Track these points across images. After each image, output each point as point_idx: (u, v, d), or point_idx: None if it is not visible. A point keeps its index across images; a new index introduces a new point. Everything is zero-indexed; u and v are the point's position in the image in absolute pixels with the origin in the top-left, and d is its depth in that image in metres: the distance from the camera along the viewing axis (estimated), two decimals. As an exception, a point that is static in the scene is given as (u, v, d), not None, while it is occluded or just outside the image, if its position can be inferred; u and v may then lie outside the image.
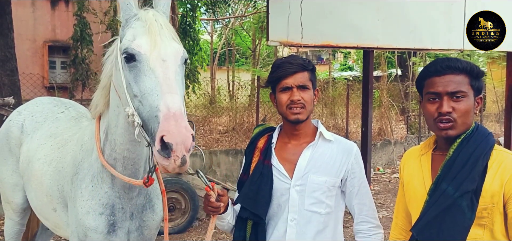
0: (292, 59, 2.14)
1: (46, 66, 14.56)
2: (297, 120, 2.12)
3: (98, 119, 2.31)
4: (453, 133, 1.84)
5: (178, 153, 1.66)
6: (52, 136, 2.87)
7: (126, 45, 1.92)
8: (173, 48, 1.94)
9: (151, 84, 1.81)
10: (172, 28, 2.03)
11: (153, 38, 1.90)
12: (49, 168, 2.67)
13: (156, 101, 1.76)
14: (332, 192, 2.14)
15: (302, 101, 2.09)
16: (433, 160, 1.97)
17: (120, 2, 2.04)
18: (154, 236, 2.56)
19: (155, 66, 1.84)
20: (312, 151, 2.15)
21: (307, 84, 2.11)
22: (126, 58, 1.91)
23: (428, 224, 1.81)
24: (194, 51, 12.79)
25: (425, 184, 1.93)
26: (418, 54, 15.05)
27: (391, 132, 12.29)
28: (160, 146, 1.68)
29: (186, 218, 6.08)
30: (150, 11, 2.01)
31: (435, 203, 1.81)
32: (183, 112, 1.74)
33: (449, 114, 1.83)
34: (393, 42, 6.02)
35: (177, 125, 1.67)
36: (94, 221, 2.29)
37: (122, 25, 2.04)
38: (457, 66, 1.84)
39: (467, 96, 1.83)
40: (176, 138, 1.65)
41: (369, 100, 6.03)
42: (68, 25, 13.63)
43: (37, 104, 3.28)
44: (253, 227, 2.17)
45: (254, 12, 17.86)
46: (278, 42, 5.29)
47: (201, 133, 12.01)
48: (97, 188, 2.31)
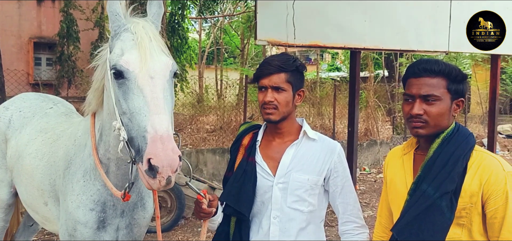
0: (272, 60, 2.14)
1: (31, 63, 14.39)
2: (269, 120, 2.14)
3: (93, 115, 2.32)
4: (423, 132, 1.87)
5: (164, 175, 1.72)
6: (42, 131, 2.87)
7: (115, 61, 1.91)
8: (162, 63, 1.93)
9: (139, 103, 1.83)
10: (161, 40, 2.03)
11: (142, 53, 1.89)
12: (40, 162, 2.67)
13: (144, 121, 1.79)
14: (314, 190, 2.15)
15: (274, 103, 2.09)
16: (415, 160, 2.00)
17: (108, 12, 2.02)
18: (144, 234, 2.57)
19: (144, 85, 1.85)
20: (295, 149, 2.16)
21: (282, 85, 2.10)
22: (115, 74, 1.91)
23: (408, 224, 1.83)
24: (183, 50, 12.74)
25: (406, 183, 1.96)
26: (404, 55, 15.18)
27: (377, 132, 12.39)
28: (147, 166, 1.73)
29: (172, 216, 6.07)
30: (140, 23, 2.00)
31: (415, 203, 1.84)
32: (170, 134, 1.78)
33: (420, 116, 1.86)
34: (379, 43, 6.07)
35: (164, 147, 1.72)
36: (84, 216, 2.30)
37: (111, 35, 2.03)
38: (433, 69, 1.86)
39: (440, 99, 1.85)
40: (163, 161, 1.71)
41: (355, 100, 6.07)
42: (54, 21, 13.50)
43: (24, 100, 3.26)
44: (237, 223, 2.19)
45: (243, 11, 17.87)
46: (266, 41, 5.31)
47: (189, 131, 11.98)
48: (89, 184, 2.31)
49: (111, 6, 2.00)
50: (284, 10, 5.12)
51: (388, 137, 12.45)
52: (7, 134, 3.06)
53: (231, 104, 13.32)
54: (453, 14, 6.20)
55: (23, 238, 3.73)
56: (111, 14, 2.01)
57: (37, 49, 14.62)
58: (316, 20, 5.39)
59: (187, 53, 13.63)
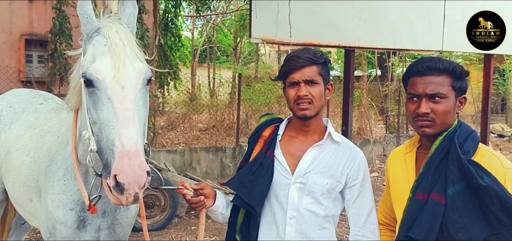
0: (301, 53, 2.03)
1: (22, 60, 14.27)
2: (304, 116, 2.02)
3: (76, 111, 2.24)
4: (430, 131, 1.87)
5: (130, 191, 1.68)
6: (31, 127, 2.83)
7: (85, 68, 1.83)
8: (135, 71, 1.85)
9: (108, 115, 1.76)
10: (136, 44, 1.95)
11: (116, 60, 1.81)
12: (26, 158, 2.63)
13: (112, 134, 1.73)
14: (331, 194, 2.05)
15: (309, 97, 2.00)
16: (417, 158, 1.99)
17: (78, 14, 1.91)
18: (128, 234, 2.53)
19: (113, 95, 1.77)
20: (318, 150, 2.07)
21: (315, 78, 2.01)
22: (85, 82, 1.84)
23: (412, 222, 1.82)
24: (176, 48, 12.68)
25: (409, 181, 1.95)
26: (397, 55, 15.25)
27: (370, 131, 12.43)
28: (114, 182, 1.68)
29: (165, 215, 6.03)
30: (113, 26, 1.90)
31: (421, 203, 1.82)
32: (138, 149, 1.71)
33: (426, 115, 1.85)
34: (373, 42, 6.10)
35: (131, 164, 1.67)
36: (63, 216, 2.26)
37: (84, 39, 1.94)
38: (438, 67, 1.85)
39: (447, 97, 1.85)
40: (129, 177, 1.66)
41: (349, 99, 6.08)
42: (46, 18, 13.38)
43: (15, 95, 3.22)
44: (246, 216, 2.11)
45: (236, 10, 17.84)
46: (261, 39, 5.31)
47: (181, 130, 11.94)
48: (69, 183, 2.27)
49: (82, 7, 1.90)
50: (279, 9, 5.12)
51: (381, 136, 12.49)
52: None
53: (224, 103, 13.30)
54: (447, 14, 6.23)
55: (16, 236, 3.70)
56: (82, 16, 1.90)
57: (29, 46, 14.51)
58: (311, 19, 5.39)
59: (181, 51, 13.59)
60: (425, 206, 1.81)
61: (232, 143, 9.94)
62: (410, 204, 1.87)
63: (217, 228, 6.07)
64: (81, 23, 1.93)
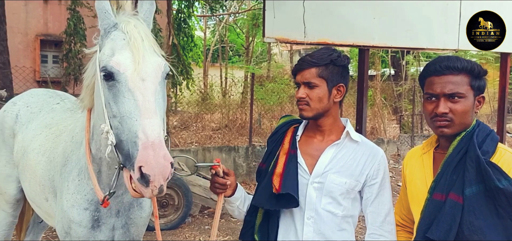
0: (307, 55, 2.08)
1: (37, 60, 14.45)
2: (302, 116, 2.09)
3: (89, 111, 2.25)
4: (449, 131, 1.85)
5: (156, 183, 1.68)
6: (47, 126, 2.85)
7: (105, 62, 1.84)
8: (154, 64, 1.86)
9: (130, 107, 1.77)
10: (153, 39, 1.96)
11: (134, 54, 1.82)
12: (42, 158, 2.66)
13: (135, 126, 1.73)
14: (350, 194, 2.05)
15: (306, 99, 2.04)
16: (434, 158, 1.97)
17: (97, 10, 1.93)
18: (142, 233, 2.53)
19: (134, 88, 1.78)
20: (336, 149, 2.08)
21: (312, 81, 2.04)
22: (105, 76, 1.84)
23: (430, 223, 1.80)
24: (189, 48, 12.71)
25: (427, 182, 1.93)
26: (411, 53, 15.12)
27: (384, 131, 12.33)
28: (139, 174, 1.68)
29: (179, 214, 6.04)
30: (131, 21, 1.92)
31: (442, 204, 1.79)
32: (161, 140, 1.72)
33: (445, 115, 1.83)
34: (388, 41, 6.03)
35: (155, 155, 1.67)
36: (78, 215, 2.27)
37: (101, 34, 1.95)
38: (456, 66, 1.83)
39: (465, 97, 1.83)
40: (154, 169, 1.66)
41: (363, 98, 6.02)
42: (61, 19, 13.52)
43: (32, 95, 3.26)
44: (265, 216, 2.12)
45: (249, 9, 17.84)
46: (274, 39, 5.28)
47: (194, 129, 11.97)
48: (83, 183, 2.28)
49: (100, 3, 1.92)
50: (292, 8, 5.09)
51: (395, 136, 12.39)
52: (14, 129, 3.06)
53: (236, 103, 13.30)
54: (462, 12, 6.15)
55: (33, 234, 3.75)
56: (100, 11, 1.92)
57: (44, 46, 14.68)
58: (325, 18, 5.36)
59: (194, 50, 13.62)
60: (443, 207, 1.79)
61: (245, 143, 9.94)
62: (428, 205, 1.86)
63: (231, 227, 6.07)
64: (98, 19, 1.95)
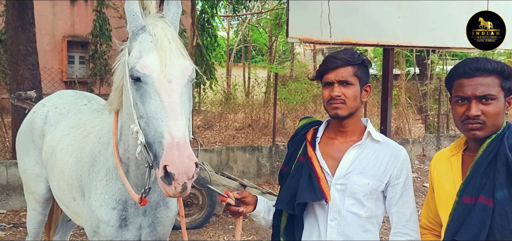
0: (338, 54, 2.04)
1: (64, 61, 14.77)
2: (336, 115, 2.03)
3: (116, 113, 2.31)
4: (481, 134, 1.81)
5: (180, 181, 1.70)
6: (75, 127, 2.92)
7: (133, 63, 1.88)
8: (181, 66, 1.90)
9: (156, 108, 1.81)
10: (180, 42, 1.99)
11: (161, 56, 1.86)
12: (70, 158, 2.72)
13: (161, 127, 1.77)
14: (373, 195, 2.04)
15: (342, 97, 2.00)
16: (463, 161, 1.93)
17: (126, 12, 1.98)
18: (168, 232, 2.57)
19: (161, 89, 1.82)
20: (358, 150, 2.06)
21: (349, 79, 2.01)
22: (133, 77, 1.89)
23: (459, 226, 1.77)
24: (212, 48, 12.80)
25: (455, 185, 1.89)
26: (437, 52, 14.86)
27: (409, 131, 12.16)
28: (163, 173, 1.72)
29: (203, 213, 6.09)
30: (159, 24, 1.96)
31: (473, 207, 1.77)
32: (187, 140, 1.76)
33: (477, 117, 1.79)
34: (413, 40, 5.95)
35: (180, 154, 1.70)
36: (106, 215, 2.32)
37: (129, 36, 2.00)
38: (486, 68, 1.79)
39: (497, 98, 1.79)
40: (179, 168, 1.69)
41: (388, 98, 5.96)
42: (87, 20, 13.80)
43: (61, 97, 3.34)
44: (289, 219, 2.13)
45: (272, 9, 17.83)
46: (298, 39, 5.28)
47: (217, 129, 12.04)
48: (111, 183, 2.33)
49: (129, 5, 1.96)
50: (316, 7, 5.07)
51: (420, 136, 12.20)
52: (43, 130, 3.13)
53: (259, 102, 13.32)
54: (490, 10, 6.02)
55: (62, 232, 3.84)
56: (129, 14, 1.97)
57: (70, 47, 15.00)
58: (349, 17, 5.32)
59: (217, 50, 13.70)
60: (472, 210, 1.76)
61: (268, 142, 9.95)
62: (457, 208, 1.83)
63: (254, 227, 6.09)
64: (127, 21, 2.00)
